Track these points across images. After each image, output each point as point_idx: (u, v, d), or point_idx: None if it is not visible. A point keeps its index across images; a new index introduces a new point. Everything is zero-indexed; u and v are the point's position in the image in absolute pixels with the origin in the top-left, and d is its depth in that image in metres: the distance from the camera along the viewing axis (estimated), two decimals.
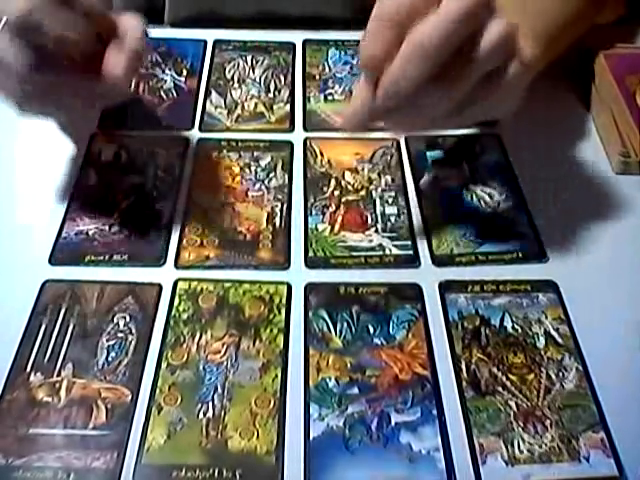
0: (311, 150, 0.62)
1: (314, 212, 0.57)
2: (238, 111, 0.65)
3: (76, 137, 0.62)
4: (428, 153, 0.62)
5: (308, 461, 0.42)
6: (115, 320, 0.49)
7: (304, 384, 0.46)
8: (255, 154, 0.61)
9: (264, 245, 0.54)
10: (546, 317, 0.50)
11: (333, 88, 0.67)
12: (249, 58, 0.70)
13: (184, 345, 0.48)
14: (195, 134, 0.63)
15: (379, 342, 0.48)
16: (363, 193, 0.58)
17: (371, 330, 0.49)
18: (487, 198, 0.58)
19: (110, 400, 0.45)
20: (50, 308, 0.49)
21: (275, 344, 0.48)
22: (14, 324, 0.48)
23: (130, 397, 0.45)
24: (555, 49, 0.57)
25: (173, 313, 0.50)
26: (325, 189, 0.58)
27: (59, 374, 0.46)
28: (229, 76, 0.68)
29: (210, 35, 0.73)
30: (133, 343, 0.48)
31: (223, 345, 0.48)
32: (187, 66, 0.69)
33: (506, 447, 0.43)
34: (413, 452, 0.43)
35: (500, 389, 0.46)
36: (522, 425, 0.44)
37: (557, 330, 0.49)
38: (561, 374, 0.47)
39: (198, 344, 0.48)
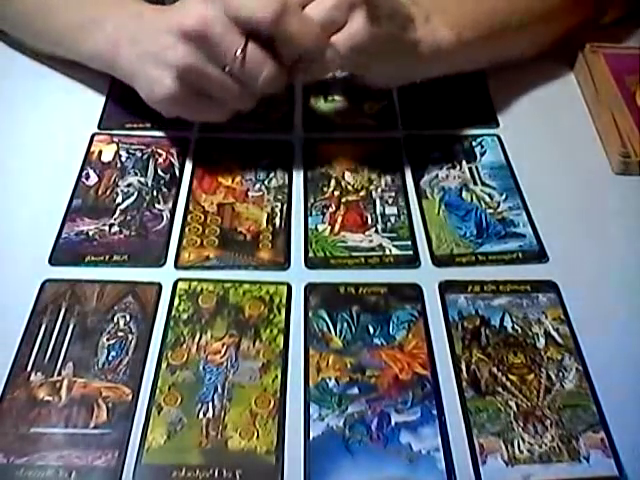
0: (311, 150, 0.62)
1: (314, 212, 0.57)
2: None
3: (76, 137, 0.62)
4: (428, 153, 0.62)
5: (308, 461, 0.42)
6: (115, 319, 0.49)
7: (304, 384, 0.46)
8: (255, 154, 0.61)
9: (264, 245, 0.54)
10: (546, 317, 0.50)
11: (333, 88, 0.67)
12: None
13: (184, 345, 0.48)
14: (195, 134, 0.63)
15: (379, 342, 0.48)
16: (363, 193, 0.58)
17: (371, 330, 0.49)
18: (487, 198, 0.58)
19: (111, 399, 0.45)
20: (50, 308, 0.49)
21: (275, 344, 0.48)
22: (14, 324, 0.48)
23: (131, 396, 0.45)
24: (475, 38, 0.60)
25: (173, 313, 0.50)
26: (325, 189, 0.59)
27: (60, 373, 0.46)
28: None
29: None
30: (133, 342, 0.48)
31: (223, 345, 0.48)
32: None
33: (506, 447, 0.43)
34: (413, 452, 0.43)
35: (500, 389, 0.46)
36: (522, 425, 0.44)
37: (557, 330, 0.49)
38: (561, 374, 0.47)
39: (198, 344, 0.48)
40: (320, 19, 0.51)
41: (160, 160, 0.60)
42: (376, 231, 0.55)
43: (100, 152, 0.61)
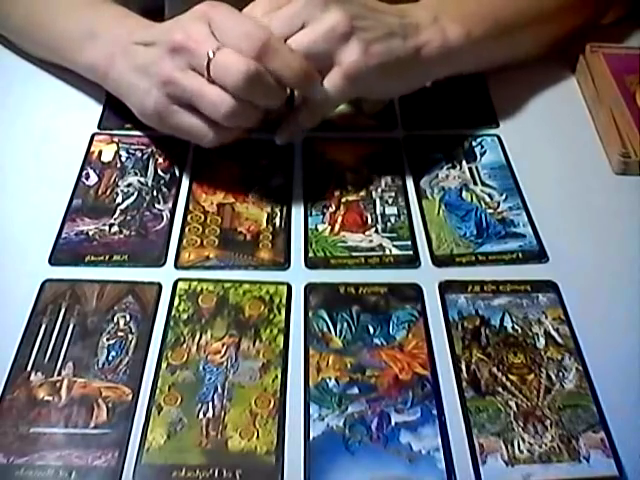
0: (311, 150, 0.62)
1: (314, 212, 0.57)
2: None
3: (76, 137, 0.62)
4: (428, 153, 0.62)
5: (308, 461, 0.42)
6: (115, 319, 0.49)
7: (304, 384, 0.46)
8: (255, 154, 0.61)
9: (264, 245, 0.54)
10: (546, 317, 0.50)
11: None
12: None
13: (184, 345, 0.48)
14: None
15: (379, 342, 0.48)
16: (363, 193, 0.58)
17: (371, 330, 0.49)
18: (487, 198, 0.58)
19: (111, 399, 0.45)
20: (50, 308, 0.49)
21: (275, 344, 0.48)
22: (14, 324, 0.48)
23: (131, 396, 0.45)
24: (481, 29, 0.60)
25: (173, 313, 0.50)
26: (325, 189, 0.59)
27: (60, 373, 0.46)
28: None
29: None
30: (133, 342, 0.48)
31: (223, 345, 0.48)
32: None
33: (506, 447, 0.43)
34: (413, 452, 0.43)
35: (500, 389, 0.46)
36: (522, 425, 0.44)
37: (557, 330, 0.49)
38: (561, 374, 0.47)
39: (198, 344, 0.48)
40: (305, 50, 0.51)
41: (160, 160, 0.60)
42: (376, 231, 0.55)
43: (100, 152, 0.61)
